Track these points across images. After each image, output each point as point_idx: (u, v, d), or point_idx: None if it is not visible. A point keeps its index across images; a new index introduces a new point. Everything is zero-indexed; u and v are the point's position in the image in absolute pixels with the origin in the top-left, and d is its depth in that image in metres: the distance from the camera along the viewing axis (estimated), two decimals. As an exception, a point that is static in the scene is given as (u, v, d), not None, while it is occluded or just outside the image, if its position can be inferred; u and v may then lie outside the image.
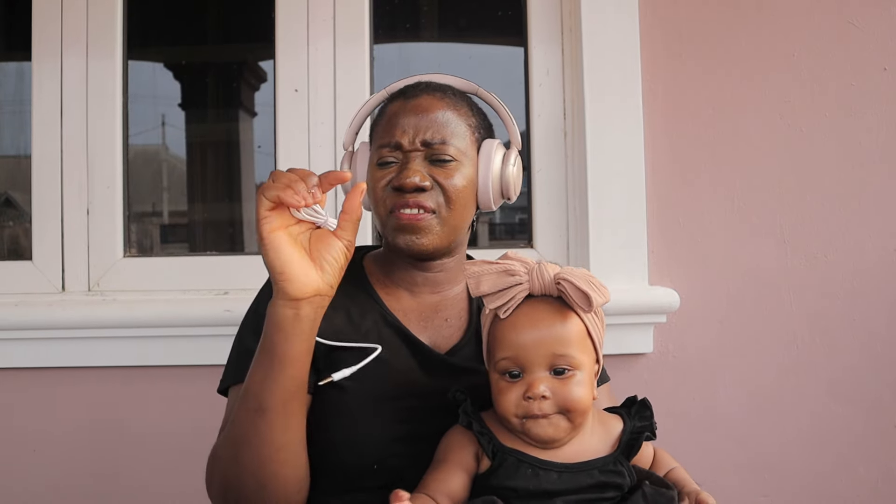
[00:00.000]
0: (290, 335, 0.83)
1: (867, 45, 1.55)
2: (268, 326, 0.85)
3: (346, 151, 1.07)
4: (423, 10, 1.85)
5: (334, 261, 0.84)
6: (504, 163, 1.01)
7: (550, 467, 0.83)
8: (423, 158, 0.97)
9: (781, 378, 1.55)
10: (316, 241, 0.85)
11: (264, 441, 0.85)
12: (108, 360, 1.51)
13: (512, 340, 0.83)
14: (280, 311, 0.83)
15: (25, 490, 1.52)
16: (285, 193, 0.79)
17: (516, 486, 0.82)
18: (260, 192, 0.80)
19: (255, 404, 0.85)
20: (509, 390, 0.82)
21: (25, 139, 1.65)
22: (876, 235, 1.55)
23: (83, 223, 1.60)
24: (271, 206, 0.80)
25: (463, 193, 0.97)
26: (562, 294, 0.83)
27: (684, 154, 1.55)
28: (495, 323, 0.86)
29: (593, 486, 0.83)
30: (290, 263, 0.81)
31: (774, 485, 1.55)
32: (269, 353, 0.84)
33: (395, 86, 1.05)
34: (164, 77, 1.92)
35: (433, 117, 0.97)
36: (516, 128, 1.05)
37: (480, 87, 1.06)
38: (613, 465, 0.84)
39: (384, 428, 0.91)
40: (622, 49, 1.52)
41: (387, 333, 0.99)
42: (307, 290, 0.83)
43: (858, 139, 1.55)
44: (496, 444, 0.84)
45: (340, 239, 0.85)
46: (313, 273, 0.83)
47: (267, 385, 0.84)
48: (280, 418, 0.85)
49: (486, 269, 0.85)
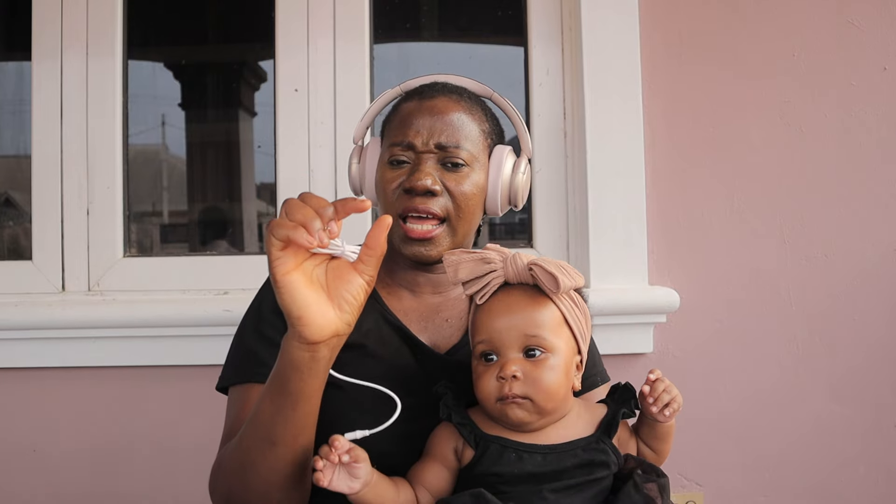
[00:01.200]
0: (305, 376, 0.79)
1: (867, 45, 1.55)
2: (281, 364, 0.80)
3: (356, 146, 1.05)
4: (423, 10, 1.85)
5: (354, 299, 0.78)
6: (514, 170, 1.01)
7: (534, 450, 0.84)
8: (436, 161, 0.96)
9: (781, 378, 1.55)
10: (334, 277, 0.78)
11: (273, 470, 0.84)
12: (108, 360, 1.51)
13: (487, 324, 0.86)
14: (295, 352, 0.78)
15: (25, 490, 1.52)
16: (297, 234, 0.71)
17: (501, 472, 0.83)
18: (269, 230, 0.73)
19: (265, 435, 0.83)
20: (485, 373, 0.85)
21: (25, 139, 1.65)
22: (876, 235, 1.55)
23: (83, 223, 1.60)
24: (283, 245, 0.73)
25: (472, 200, 0.97)
26: (535, 280, 0.86)
27: (684, 154, 1.55)
28: (473, 309, 0.89)
29: (579, 465, 0.84)
30: (307, 308, 0.75)
31: (774, 485, 1.55)
32: (282, 390, 0.80)
33: (410, 83, 1.04)
34: (164, 77, 1.92)
35: (448, 119, 0.96)
36: (528, 135, 1.04)
37: (495, 92, 1.05)
38: (596, 444, 0.86)
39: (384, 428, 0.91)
40: (622, 49, 1.52)
41: (387, 332, 0.99)
42: (325, 334, 0.77)
43: (858, 139, 1.55)
44: (478, 433, 0.86)
45: (361, 275, 0.78)
46: (331, 314, 0.77)
47: (278, 420, 0.82)
48: (290, 451, 0.83)
49: (465, 258, 0.88)
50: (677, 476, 1.54)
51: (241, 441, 0.86)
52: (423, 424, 0.90)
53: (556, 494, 0.82)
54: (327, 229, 0.72)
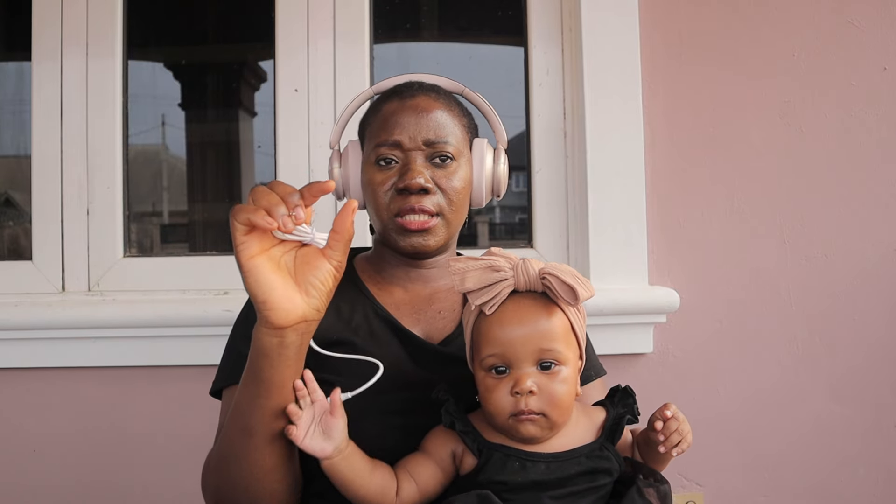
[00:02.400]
0: (275, 362, 0.80)
1: (867, 45, 1.55)
2: (252, 352, 0.81)
3: (334, 150, 1.06)
4: (423, 10, 1.85)
5: (321, 284, 0.79)
6: (495, 162, 1.05)
7: (538, 458, 0.83)
8: (425, 158, 0.98)
9: (781, 378, 1.55)
10: (302, 262, 0.79)
11: (253, 462, 0.84)
12: (108, 360, 1.50)
13: (498, 336, 0.83)
14: (264, 338, 0.79)
15: (25, 490, 1.52)
16: (257, 217, 0.72)
17: (505, 480, 0.82)
18: (232, 214, 0.74)
19: (243, 425, 0.84)
20: (497, 387, 0.82)
21: (25, 139, 1.65)
22: (876, 235, 1.55)
23: (83, 223, 1.60)
24: (246, 229, 0.74)
25: (462, 194, 1.00)
26: (547, 289, 0.83)
27: (684, 154, 1.55)
28: (480, 319, 0.86)
29: (582, 473, 0.83)
30: (272, 291, 0.76)
31: (774, 485, 1.55)
32: (255, 379, 0.81)
33: (382, 84, 1.06)
34: (164, 77, 1.92)
35: (432, 116, 0.98)
36: (502, 126, 1.08)
37: (466, 88, 1.08)
38: (599, 451, 0.85)
39: (375, 421, 0.91)
40: (622, 49, 1.52)
41: (377, 326, 0.99)
42: (291, 318, 0.78)
43: (858, 139, 1.55)
44: (481, 442, 0.85)
45: (329, 260, 0.79)
46: (298, 299, 0.78)
47: (253, 409, 0.83)
48: (266, 442, 0.83)
49: (471, 266, 0.84)
50: (677, 476, 1.54)
51: (224, 435, 0.88)
52: (417, 417, 0.90)
53: (559, 501, 0.82)
54: (292, 215, 0.73)
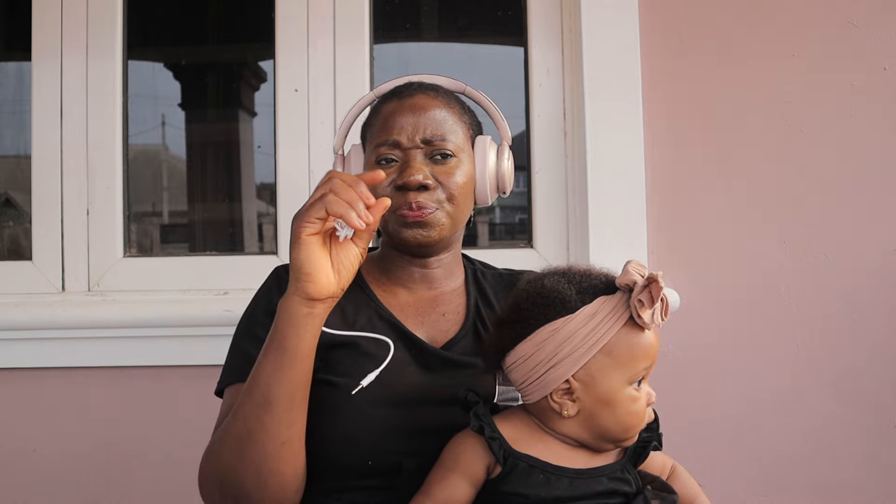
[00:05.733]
0: (301, 331, 0.87)
1: (867, 45, 1.55)
2: (279, 321, 0.87)
3: (337, 155, 1.08)
4: (423, 10, 1.85)
5: (350, 266, 0.89)
6: (499, 158, 1.05)
7: (562, 473, 0.82)
8: (424, 156, 0.98)
9: (781, 378, 1.54)
10: (335, 246, 0.88)
11: (269, 435, 0.86)
12: (108, 360, 1.50)
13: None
14: (295, 307, 0.86)
15: (25, 490, 1.52)
16: (349, 216, 0.82)
17: (528, 493, 0.81)
18: (320, 200, 0.83)
19: (262, 398, 0.87)
20: (636, 403, 0.87)
21: (25, 139, 1.65)
22: (876, 235, 1.55)
23: (83, 223, 1.60)
24: (325, 215, 0.83)
25: (463, 189, 1.00)
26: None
27: (684, 154, 1.55)
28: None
29: (601, 493, 0.83)
30: (318, 268, 0.85)
31: (774, 485, 1.54)
32: (280, 348, 0.87)
33: (383, 87, 1.07)
34: (164, 77, 1.92)
35: (430, 115, 0.99)
36: (506, 123, 1.08)
37: (468, 86, 1.08)
38: (621, 473, 0.85)
39: (378, 423, 0.91)
40: (622, 49, 1.52)
41: (381, 328, 0.99)
42: (325, 292, 0.86)
43: (858, 139, 1.55)
44: (507, 450, 0.83)
45: (357, 245, 0.89)
46: (332, 277, 0.87)
47: (275, 379, 0.87)
48: (286, 412, 0.87)
49: None
50: (677, 476, 1.54)
51: (238, 412, 0.89)
52: (421, 420, 0.90)
53: None
54: (368, 213, 0.84)
